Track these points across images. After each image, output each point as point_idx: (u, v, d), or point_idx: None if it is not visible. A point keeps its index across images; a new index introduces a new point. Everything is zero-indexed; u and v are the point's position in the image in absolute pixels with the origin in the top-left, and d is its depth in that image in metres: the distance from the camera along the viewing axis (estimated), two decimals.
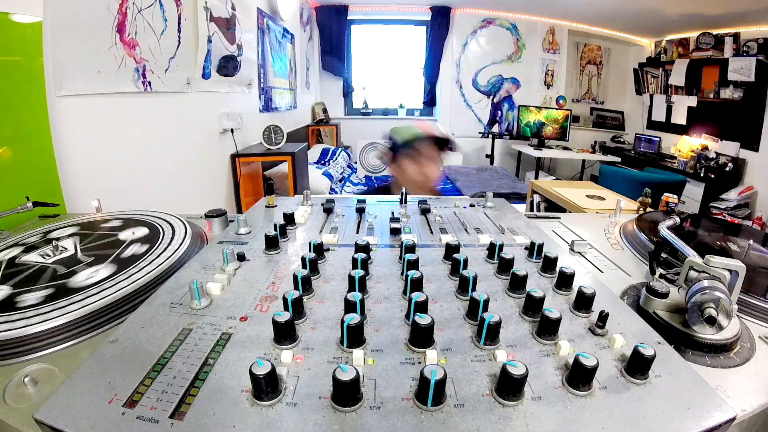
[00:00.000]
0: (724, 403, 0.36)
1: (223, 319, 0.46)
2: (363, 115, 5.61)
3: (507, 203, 0.96)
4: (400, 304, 0.50)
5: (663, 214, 0.94)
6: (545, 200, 2.57)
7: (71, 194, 1.17)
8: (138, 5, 1.51)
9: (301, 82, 4.45)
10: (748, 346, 0.49)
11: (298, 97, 4.26)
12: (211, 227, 0.82)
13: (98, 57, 1.33)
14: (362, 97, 5.60)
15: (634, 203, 1.46)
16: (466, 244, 0.70)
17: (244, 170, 2.61)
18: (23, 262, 0.65)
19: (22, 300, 0.53)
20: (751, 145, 3.66)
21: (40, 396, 0.40)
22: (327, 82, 5.50)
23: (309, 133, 4.88)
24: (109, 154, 1.42)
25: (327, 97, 5.45)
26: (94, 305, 0.52)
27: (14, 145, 0.98)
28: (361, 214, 0.84)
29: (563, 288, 0.54)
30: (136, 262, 0.64)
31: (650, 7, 3.68)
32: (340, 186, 3.95)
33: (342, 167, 4.34)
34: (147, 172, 1.65)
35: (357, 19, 5.28)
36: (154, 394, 0.35)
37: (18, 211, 0.88)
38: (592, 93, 5.58)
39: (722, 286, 0.47)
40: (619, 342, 0.42)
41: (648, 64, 4.84)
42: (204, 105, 2.18)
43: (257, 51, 2.92)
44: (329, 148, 4.47)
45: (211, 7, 2.11)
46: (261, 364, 0.34)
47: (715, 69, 3.94)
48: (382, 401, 0.35)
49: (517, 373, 0.34)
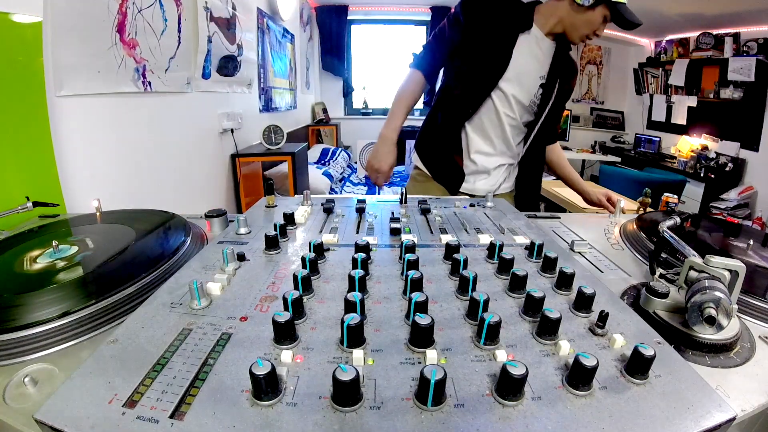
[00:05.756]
0: (724, 403, 0.36)
1: (223, 319, 0.46)
2: (363, 115, 5.62)
3: (507, 203, 0.96)
4: (400, 304, 0.50)
5: (663, 214, 0.94)
6: (545, 200, 2.57)
7: (71, 194, 1.17)
8: (138, 5, 1.51)
9: (301, 82, 4.45)
10: (748, 346, 0.49)
11: (298, 97, 4.26)
12: (211, 227, 0.82)
13: (98, 57, 1.32)
14: (362, 97, 5.61)
15: (634, 203, 1.46)
16: (466, 244, 0.70)
17: (244, 170, 2.62)
18: (23, 263, 0.65)
19: (22, 300, 0.53)
20: (751, 145, 3.66)
21: (40, 396, 0.40)
22: (327, 82, 5.50)
23: (309, 133, 4.88)
24: (109, 154, 1.42)
25: (327, 97, 5.46)
26: (94, 305, 0.52)
27: (14, 145, 0.98)
28: (361, 214, 0.84)
29: (563, 288, 0.54)
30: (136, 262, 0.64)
31: (650, 7, 3.68)
32: (340, 186, 3.96)
33: (342, 167, 4.35)
34: (147, 172, 1.65)
35: (357, 19, 5.29)
36: (154, 394, 0.35)
37: (18, 211, 0.88)
38: (592, 93, 5.58)
39: (722, 286, 0.47)
40: (619, 342, 0.42)
41: (648, 64, 4.83)
42: (204, 105, 2.18)
43: (257, 51, 2.93)
44: (329, 148, 4.48)
45: (212, 7, 2.11)
46: (261, 364, 0.34)
47: (715, 69, 3.94)
48: (382, 401, 0.35)
49: (517, 373, 0.34)
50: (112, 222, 0.84)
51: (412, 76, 1.31)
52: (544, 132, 1.32)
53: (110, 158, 1.42)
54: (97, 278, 0.60)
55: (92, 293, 0.54)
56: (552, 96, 1.24)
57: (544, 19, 1.18)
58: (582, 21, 1.13)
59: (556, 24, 1.17)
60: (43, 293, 0.55)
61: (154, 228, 0.79)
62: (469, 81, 1.22)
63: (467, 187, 1.33)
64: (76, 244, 0.71)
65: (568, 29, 1.17)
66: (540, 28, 1.19)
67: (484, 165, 1.32)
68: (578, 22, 1.14)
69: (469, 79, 1.22)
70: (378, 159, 1.29)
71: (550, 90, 1.23)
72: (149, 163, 1.66)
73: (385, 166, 1.29)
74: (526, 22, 1.18)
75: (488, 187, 1.31)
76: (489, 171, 1.33)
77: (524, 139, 1.33)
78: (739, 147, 3.76)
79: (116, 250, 0.69)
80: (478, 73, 1.21)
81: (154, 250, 0.69)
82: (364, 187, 4.04)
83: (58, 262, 0.65)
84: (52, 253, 0.67)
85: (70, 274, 0.61)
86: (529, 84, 1.22)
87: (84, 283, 0.59)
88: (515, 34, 1.18)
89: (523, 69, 1.20)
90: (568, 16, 1.14)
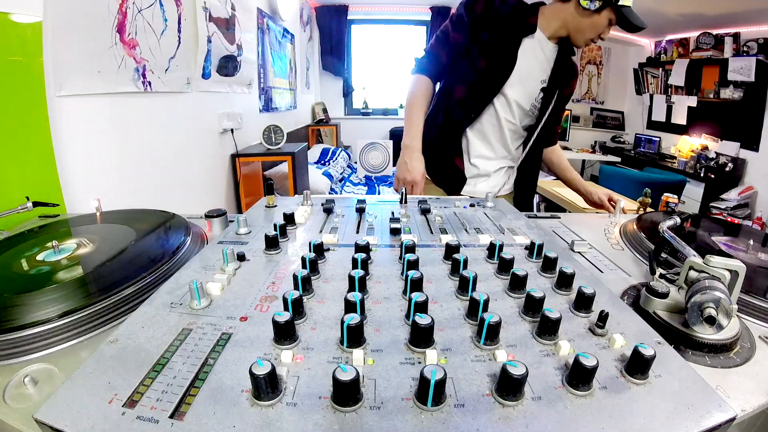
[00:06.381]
0: (724, 403, 0.36)
1: (223, 319, 0.46)
2: (363, 115, 5.62)
3: (507, 203, 0.96)
4: (400, 304, 0.50)
5: (663, 214, 0.94)
6: (545, 200, 2.57)
7: (71, 194, 1.17)
8: (138, 5, 1.51)
9: (301, 82, 4.45)
10: (748, 346, 0.49)
11: (298, 97, 4.26)
12: (211, 227, 0.82)
13: (98, 57, 1.33)
14: (362, 97, 5.61)
15: (634, 203, 1.46)
16: (466, 244, 0.70)
17: (244, 170, 2.62)
18: (23, 263, 0.65)
19: (22, 300, 0.53)
20: (751, 145, 3.66)
21: (40, 396, 0.40)
22: (327, 82, 5.50)
23: (309, 133, 4.88)
24: (109, 154, 1.42)
25: (327, 97, 5.46)
26: (94, 305, 0.52)
27: (14, 145, 0.98)
28: (361, 214, 0.84)
29: (563, 288, 0.54)
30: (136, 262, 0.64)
31: (650, 7, 3.68)
32: (340, 186, 3.96)
33: (342, 167, 4.35)
34: (147, 172, 1.65)
35: (357, 19, 5.29)
36: (154, 394, 0.35)
37: (18, 211, 0.88)
38: (592, 93, 5.58)
39: (722, 286, 0.47)
40: (619, 342, 0.42)
41: (648, 64, 4.83)
42: (204, 105, 2.18)
43: (257, 51, 2.93)
44: (329, 148, 4.48)
45: (210, 7, 2.11)
46: (261, 364, 0.34)
47: (715, 69, 3.94)
48: (382, 401, 0.35)
49: (517, 373, 0.34)
50: (112, 222, 0.84)
51: (419, 81, 1.26)
52: (544, 135, 1.32)
53: (110, 158, 1.42)
54: (97, 278, 0.60)
55: (92, 293, 0.54)
56: (553, 100, 1.23)
57: (548, 21, 1.17)
58: (587, 24, 1.12)
59: (560, 27, 1.16)
60: (43, 293, 0.55)
61: (154, 228, 0.79)
62: (473, 86, 1.21)
63: (468, 190, 1.32)
64: (76, 244, 0.71)
65: (573, 33, 1.16)
66: (543, 31, 1.18)
67: (485, 168, 1.31)
68: (583, 26, 1.13)
69: (474, 84, 1.21)
70: (409, 171, 1.21)
71: (551, 94, 1.23)
72: (149, 163, 1.66)
73: (418, 176, 1.21)
74: (530, 26, 1.17)
75: (489, 189, 1.30)
76: (489, 174, 1.33)
77: (524, 143, 1.33)
78: (739, 147, 3.76)
79: (116, 250, 0.69)
80: (483, 78, 1.19)
81: (154, 250, 0.69)
82: (364, 187, 4.05)
83: (58, 262, 0.65)
84: (52, 253, 0.67)
85: (70, 274, 0.61)
86: (531, 88, 1.21)
87: (84, 283, 0.59)
88: (519, 38, 1.16)
89: (526, 73, 1.19)
90: (572, 20, 1.13)
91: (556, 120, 1.35)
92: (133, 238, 0.74)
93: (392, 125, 5.37)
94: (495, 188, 1.34)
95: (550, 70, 1.21)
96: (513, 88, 1.20)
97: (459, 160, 1.29)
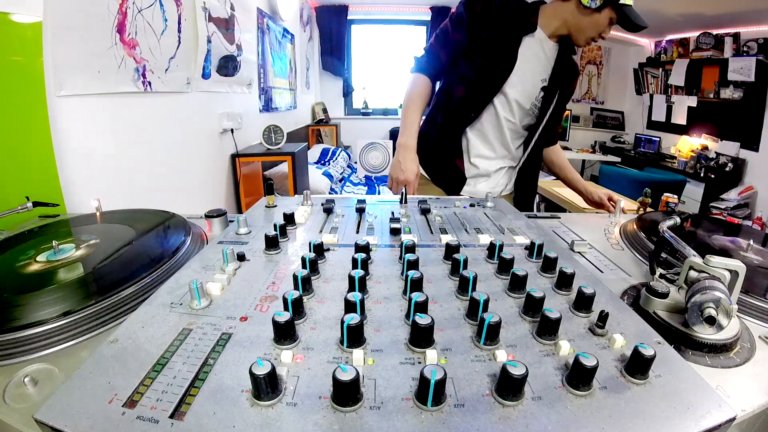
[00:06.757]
0: (723, 403, 0.36)
1: (223, 319, 0.46)
2: (363, 115, 5.62)
3: (507, 203, 0.96)
4: (400, 304, 0.50)
5: (663, 214, 0.94)
6: (545, 200, 2.57)
7: (71, 194, 1.17)
8: (138, 5, 1.51)
9: (301, 82, 4.45)
10: (748, 346, 0.49)
11: (298, 97, 4.26)
12: (211, 227, 0.82)
13: (98, 57, 1.33)
14: (362, 97, 5.61)
15: (634, 203, 1.46)
16: (466, 244, 0.70)
17: (244, 170, 2.62)
18: (23, 263, 0.65)
19: (22, 300, 0.53)
20: (751, 145, 3.66)
21: (40, 396, 0.40)
22: (327, 82, 5.50)
23: (309, 133, 4.88)
24: (109, 154, 1.42)
25: (327, 97, 5.46)
26: (94, 305, 0.52)
27: (14, 145, 0.98)
28: (361, 214, 0.84)
29: (563, 288, 0.54)
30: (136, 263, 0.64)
31: (650, 7, 3.67)
32: (340, 186, 3.95)
33: (342, 167, 4.34)
34: (147, 172, 1.65)
35: (357, 19, 5.29)
36: (154, 394, 0.35)
37: (18, 211, 0.88)
38: (592, 93, 5.58)
39: (722, 286, 0.46)
40: (619, 342, 0.42)
41: (648, 64, 4.84)
42: (204, 105, 2.18)
43: (257, 51, 2.93)
44: (329, 148, 4.48)
45: (210, 8, 2.11)
46: (261, 364, 0.34)
47: (715, 69, 3.94)
48: (382, 401, 0.35)
49: (517, 373, 0.34)
50: (112, 222, 0.84)
51: (417, 80, 1.26)
52: (544, 134, 1.31)
53: (110, 158, 1.42)
54: (97, 278, 0.60)
55: (92, 293, 0.54)
56: (554, 100, 1.23)
57: (548, 20, 1.17)
58: (588, 23, 1.12)
59: (561, 26, 1.16)
60: (43, 293, 0.55)
61: (154, 228, 0.79)
62: (473, 85, 1.20)
63: (468, 190, 1.32)
64: (76, 244, 0.71)
65: (574, 32, 1.16)
66: (544, 29, 1.18)
67: (486, 168, 1.31)
68: (584, 25, 1.13)
69: (474, 83, 1.20)
70: (402, 170, 1.20)
71: (552, 93, 1.22)
72: (149, 163, 1.66)
73: (412, 176, 1.20)
74: (530, 25, 1.16)
75: (489, 189, 1.30)
76: (489, 174, 1.32)
77: (524, 143, 1.32)
78: (739, 147, 3.76)
79: (116, 250, 0.69)
80: (483, 78, 1.19)
81: (154, 250, 0.69)
82: (364, 187, 4.04)
83: (58, 262, 0.65)
84: (53, 253, 0.67)
85: (70, 273, 0.61)
86: (531, 87, 1.21)
87: (84, 283, 0.59)
88: (519, 37, 1.16)
89: (526, 72, 1.18)
90: (573, 18, 1.13)
91: (557, 119, 1.35)
92: (133, 238, 0.74)
93: (392, 125, 5.37)
94: (495, 188, 1.34)
95: (551, 69, 1.21)
96: (513, 88, 1.19)
97: (459, 160, 1.29)
